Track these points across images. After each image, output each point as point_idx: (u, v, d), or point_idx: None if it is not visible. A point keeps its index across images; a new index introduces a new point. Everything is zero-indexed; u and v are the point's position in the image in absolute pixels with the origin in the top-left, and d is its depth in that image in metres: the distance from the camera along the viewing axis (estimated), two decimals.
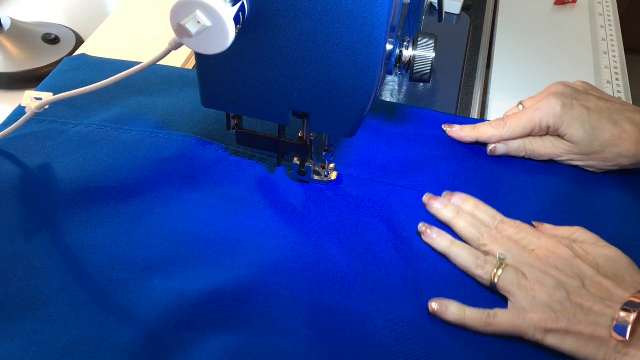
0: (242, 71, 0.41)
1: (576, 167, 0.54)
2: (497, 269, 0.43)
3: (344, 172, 0.52)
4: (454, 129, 0.56)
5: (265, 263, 0.45)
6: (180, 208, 0.49)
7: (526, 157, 0.55)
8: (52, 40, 0.74)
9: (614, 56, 0.73)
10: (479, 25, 0.77)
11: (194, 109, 0.57)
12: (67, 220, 0.47)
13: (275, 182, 0.51)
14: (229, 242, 0.46)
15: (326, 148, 0.48)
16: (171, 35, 0.36)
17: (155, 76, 0.61)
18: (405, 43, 0.44)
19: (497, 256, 0.44)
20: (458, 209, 0.48)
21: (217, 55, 0.36)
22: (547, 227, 0.47)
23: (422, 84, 0.67)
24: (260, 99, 0.42)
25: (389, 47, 0.41)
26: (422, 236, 0.48)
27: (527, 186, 0.52)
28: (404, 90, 0.67)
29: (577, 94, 0.53)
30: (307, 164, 0.50)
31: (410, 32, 0.45)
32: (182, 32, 0.35)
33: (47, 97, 0.47)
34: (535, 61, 0.71)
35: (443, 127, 0.57)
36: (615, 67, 0.71)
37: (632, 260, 0.43)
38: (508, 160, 0.55)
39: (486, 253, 0.45)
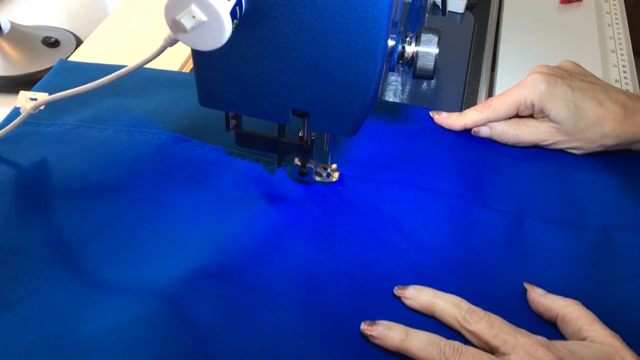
0: (239, 68, 0.40)
1: (561, 151, 0.54)
2: None
3: (345, 172, 0.51)
4: (442, 115, 0.55)
5: (261, 264, 0.44)
6: (161, 208, 0.47)
7: (510, 143, 0.54)
8: (52, 43, 0.73)
9: (622, 54, 0.72)
10: (483, 24, 0.76)
11: (170, 108, 0.57)
12: (39, 221, 0.46)
13: (272, 182, 0.50)
14: (214, 241, 0.45)
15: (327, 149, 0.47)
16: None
17: (130, 78, 0.60)
18: (407, 39, 0.43)
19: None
20: (406, 330, 0.39)
21: (214, 52, 0.35)
22: (539, 292, 0.42)
23: (425, 83, 0.66)
24: (259, 97, 0.41)
25: (391, 42, 0.40)
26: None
27: (511, 174, 0.51)
28: (407, 90, 0.66)
29: (561, 74, 0.52)
30: (308, 165, 0.48)
31: (413, 29, 0.44)
32: (176, 28, 0.34)
33: (43, 97, 0.46)
34: (540, 60, 0.69)
35: (430, 113, 0.56)
36: (624, 66, 0.69)
37: (626, 351, 0.37)
38: (493, 147, 0.54)
39: None
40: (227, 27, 0.34)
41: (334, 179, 0.50)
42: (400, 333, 0.39)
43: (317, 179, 0.50)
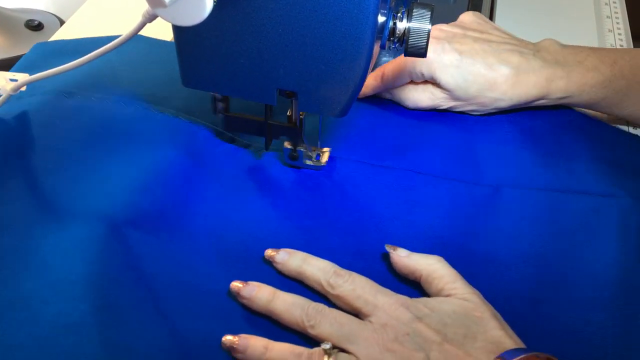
0: (222, 45, 0.38)
1: (463, 113, 0.54)
2: None
3: (336, 155, 0.50)
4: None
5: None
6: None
7: (410, 108, 0.54)
8: (35, 26, 0.72)
9: (620, 34, 0.70)
10: (477, 3, 0.75)
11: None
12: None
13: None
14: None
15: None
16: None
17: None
18: (399, 15, 0.41)
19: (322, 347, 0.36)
20: (274, 291, 0.39)
21: (196, 29, 0.34)
22: (402, 254, 0.41)
23: None
24: (243, 76, 0.40)
25: (381, 18, 0.38)
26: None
27: (416, 138, 0.51)
28: None
29: (453, 37, 0.51)
30: (299, 148, 0.47)
31: (405, 5, 0.42)
32: (155, 2, 0.32)
33: (23, 77, 0.45)
34: (536, 39, 0.69)
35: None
36: (622, 46, 0.68)
37: (485, 307, 0.37)
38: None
39: (317, 338, 0.37)
40: (208, 1, 0.32)
41: (324, 161, 0.48)
42: (267, 294, 0.38)
43: (308, 162, 0.48)
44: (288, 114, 0.44)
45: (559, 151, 0.51)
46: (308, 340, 0.37)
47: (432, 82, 0.51)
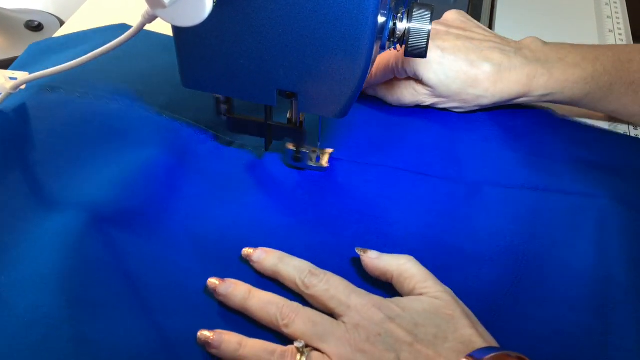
0: (222, 46, 0.38)
1: (445, 109, 0.54)
2: (300, 358, 0.36)
3: (336, 156, 0.49)
4: None
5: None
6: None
7: (394, 105, 0.54)
8: (35, 27, 0.72)
9: (620, 34, 0.70)
10: (478, 3, 0.75)
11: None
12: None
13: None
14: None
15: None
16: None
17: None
18: (399, 15, 0.41)
19: (294, 345, 0.36)
20: (250, 289, 0.39)
21: (196, 30, 0.34)
22: (372, 256, 0.40)
23: None
24: (243, 77, 0.40)
25: (382, 19, 0.38)
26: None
27: (398, 135, 0.52)
28: None
29: (436, 34, 0.51)
30: (302, 149, 0.47)
31: (405, 5, 0.42)
32: (154, 2, 0.32)
33: (23, 76, 0.45)
34: None
35: None
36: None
37: (456, 305, 0.37)
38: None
39: (290, 337, 0.37)
40: (208, 2, 0.32)
41: (325, 163, 0.48)
42: (243, 292, 0.39)
43: (310, 164, 0.48)
44: (288, 116, 0.44)
45: (540, 151, 0.51)
46: (283, 339, 0.38)
47: (415, 78, 0.52)
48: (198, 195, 0.46)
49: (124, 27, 0.60)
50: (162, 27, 0.41)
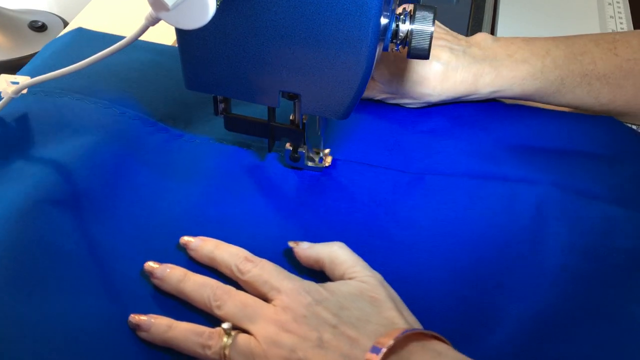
0: (225, 48, 0.38)
1: (396, 105, 0.55)
2: (227, 340, 0.36)
3: (339, 157, 0.50)
4: None
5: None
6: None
7: None
8: (39, 27, 0.72)
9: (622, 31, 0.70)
10: (480, 4, 0.75)
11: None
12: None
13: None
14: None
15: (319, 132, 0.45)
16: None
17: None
18: (402, 17, 0.41)
19: (222, 326, 0.37)
20: (185, 272, 0.40)
21: (198, 32, 0.34)
22: (304, 246, 0.41)
23: None
24: (246, 79, 0.40)
25: (384, 20, 0.38)
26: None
27: (346, 126, 0.52)
28: None
29: None
30: (300, 150, 0.47)
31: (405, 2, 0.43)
32: (158, 5, 0.32)
33: (25, 80, 0.45)
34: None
35: None
36: None
37: (381, 288, 0.38)
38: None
39: (222, 319, 0.38)
40: (211, 4, 0.32)
41: (327, 164, 0.48)
42: (178, 275, 0.39)
43: (310, 164, 0.48)
44: (291, 117, 0.44)
45: (484, 139, 0.51)
46: (216, 322, 0.38)
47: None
48: (144, 185, 0.46)
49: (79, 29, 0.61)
50: (164, 30, 0.41)
